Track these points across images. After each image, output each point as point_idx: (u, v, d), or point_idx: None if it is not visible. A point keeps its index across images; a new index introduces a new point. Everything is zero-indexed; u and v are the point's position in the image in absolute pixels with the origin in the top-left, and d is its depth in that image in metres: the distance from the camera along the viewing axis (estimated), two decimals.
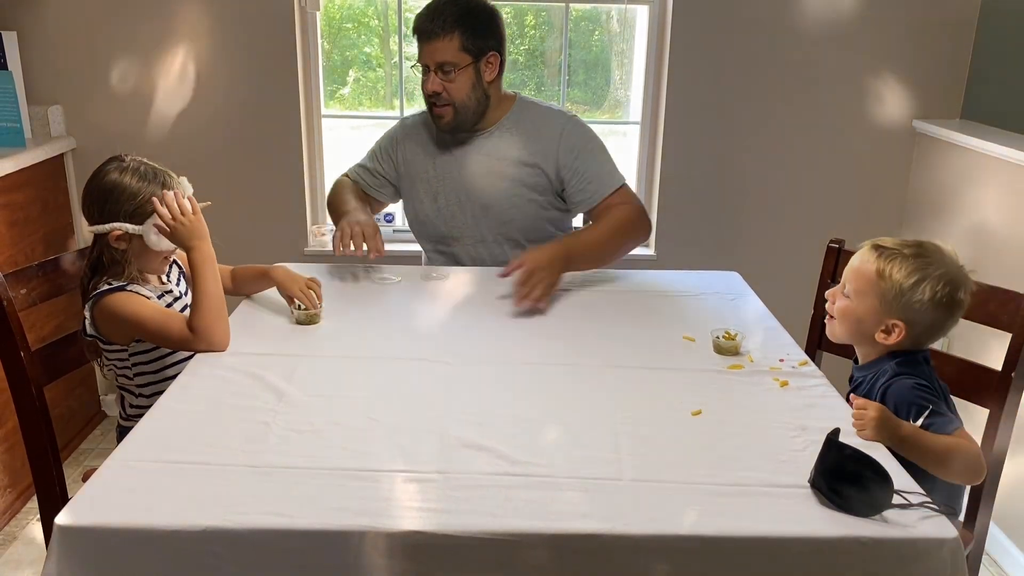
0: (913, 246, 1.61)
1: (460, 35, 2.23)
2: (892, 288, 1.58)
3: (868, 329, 1.63)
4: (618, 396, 1.63)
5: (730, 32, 2.99)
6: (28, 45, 2.90)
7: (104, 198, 1.76)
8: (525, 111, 2.38)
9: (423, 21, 2.25)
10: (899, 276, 1.57)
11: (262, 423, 1.49)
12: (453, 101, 2.27)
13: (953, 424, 1.50)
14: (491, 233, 2.39)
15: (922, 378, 1.58)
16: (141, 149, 1.90)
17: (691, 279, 2.32)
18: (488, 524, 1.23)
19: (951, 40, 2.99)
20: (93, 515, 1.23)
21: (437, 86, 2.26)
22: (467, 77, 2.26)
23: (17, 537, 2.59)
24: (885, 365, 1.62)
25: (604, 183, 2.34)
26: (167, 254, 1.84)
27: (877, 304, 1.60)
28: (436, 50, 2.24)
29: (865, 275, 1.62)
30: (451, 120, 2.30)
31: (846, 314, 1.66)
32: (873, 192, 3.15)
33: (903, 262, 1.58)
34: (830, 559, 1.24)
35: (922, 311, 1.57)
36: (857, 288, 1.64)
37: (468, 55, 2.25)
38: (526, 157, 2.34)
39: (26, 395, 1.77)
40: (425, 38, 2.25)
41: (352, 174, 2.50)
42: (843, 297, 1.67)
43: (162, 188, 1.77)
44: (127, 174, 1.77)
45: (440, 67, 2.25)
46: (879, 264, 1.60)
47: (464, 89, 2.27)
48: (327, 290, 2.02)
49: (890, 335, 1.60)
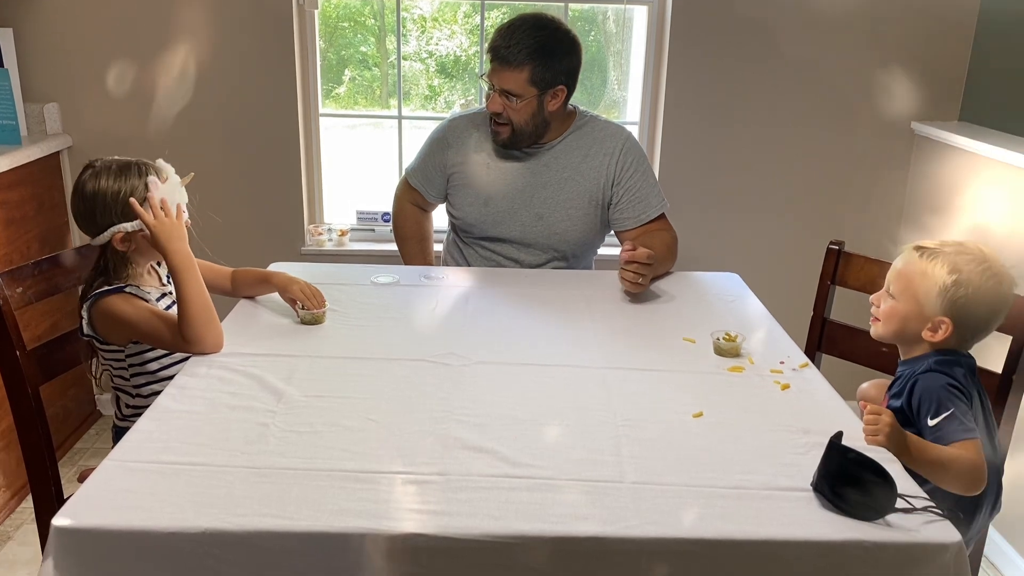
0: (954, 245, 1.63)
1: (531, 69, 2.23)
2: (936, 285, 1.59)
3: (914, 328, 1.64)
4: (619, 398, 1.62)
5: (729, 33, 2.98)
6: (24, 42, 2.89)
7: (91, 209, 1.75)
8: (586, 126, 2.40)
9: (499, 41, 2.24)
10: (942, 273, 1.59)
11: (261, 424, 1.48)
12: (511, 123, 2.29)
13: (967, 433, 1.49)
14: (539, 241, 2.41)
15: (956, 380, 1.58)
16: (138, 147, 1.89)
17: (691, 280, 2.31)
18: (489, 526, 1.23)
19: (950, 42, 2.99)
20: (90, 516, 1.22)
21: (498, 107, 2.27)
22: (529, 107, 2.27)
23: (12, 537, 2.57)
24: (927, 360, 1.63)
25: (652, 205, 2.39)
26: None
27: (922, 302, 1.62)
28: (504, 78, 2.24)
29: (908, 275, 1.64)
30: (507, 139, 2.33)
31: (892, 315, 1.67)
32: (872, 193, 3.15)
33: (945, 259, 1.60)
34: (833, 563, 1.23)
35: (966, 307, 1.58)
36: (901, 288, 1.65)
37: (535, 88, 2.25)
38: (585, 171, 2.37)
39: (22, 394, 1.75)
40: (496, 61, 2.25)
41: (415, 182, 2.51)
42: (888, 298, 1.68)
43: (140, 177, 1.76)
44: (102, 178, 1.75)
45: (505, 92, 2.25)
46: (921, 264, 1.62)
47: (524, 116, 2.29)
48: (327, 291, 2.01)
49: (937, 332, 1.61)
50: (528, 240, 2.41)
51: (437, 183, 2.48)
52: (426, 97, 3.81)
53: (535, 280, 2.28)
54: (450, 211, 2.52)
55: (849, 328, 2.16)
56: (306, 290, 1.95)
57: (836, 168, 3.13)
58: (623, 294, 2.16)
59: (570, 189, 2.37)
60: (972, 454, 1.46)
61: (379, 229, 3.23)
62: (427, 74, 3.77)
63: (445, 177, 2.46)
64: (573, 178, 2.37)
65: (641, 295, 2.15)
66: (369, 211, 3.25)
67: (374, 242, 3.23)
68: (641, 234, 2.35)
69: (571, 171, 2.37)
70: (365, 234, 3.26)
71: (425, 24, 3.60)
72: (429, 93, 3.83)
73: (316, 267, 2.36)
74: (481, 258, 2.47)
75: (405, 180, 2.56)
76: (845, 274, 2.16)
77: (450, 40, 3.74)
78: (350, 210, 3.28)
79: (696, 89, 3.04)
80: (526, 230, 2.40)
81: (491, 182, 2.39)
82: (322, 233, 3.17)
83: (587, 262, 2.54)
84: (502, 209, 2.39)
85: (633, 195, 2.37)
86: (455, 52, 3.72)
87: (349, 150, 2.55)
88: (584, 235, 2.42)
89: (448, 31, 3.72)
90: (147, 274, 1.87)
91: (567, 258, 2.44)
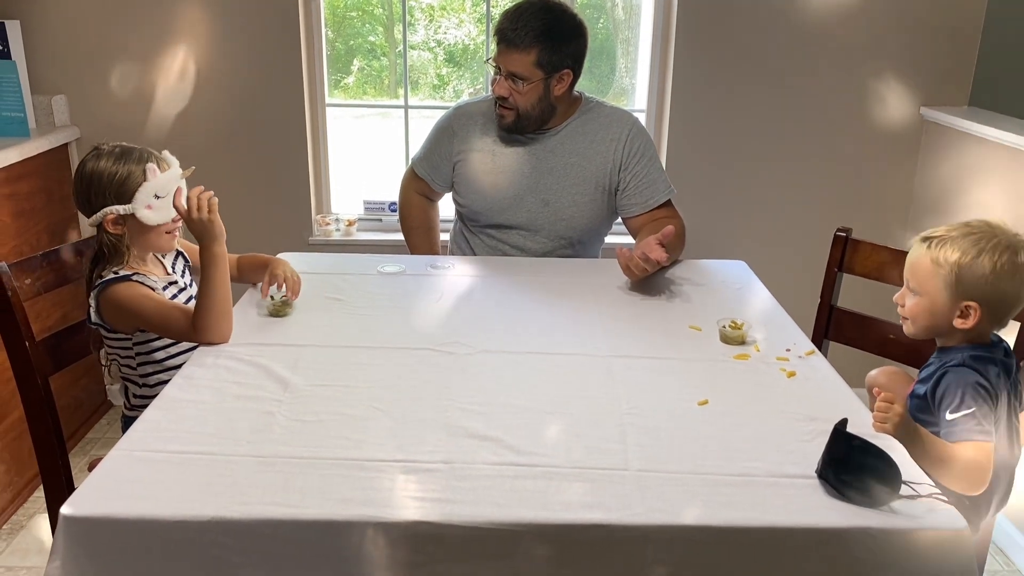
0: (959, 227, 1.60)
1: (538, 51, 2.23)
2: (952, 270, 1.56)
3: (944, 319, 1.60)
4: (624, 386, 1.62)
5: (736, 19, 2.96)
6: (32, 34, 2.90)
7: (88, 189, 1.78)
8: (592, 111, 2.40)
9: (506, 24, 2.25)
10: (955, 257, 1.56)
11: (267, 413, 1.48)
12: (517, 108, 2.29)
13: (981, 434, 1.47)
14: (545, 227, 2.41)
15: (987, 379, 1.55)
16: (145, 138, 1.90)
17: (698, 268, 2.31)
18: (493, 514, 1.23)
19: (959, 27, 2.97)
20: (98, 505, 1.23)
21: (504, 90, 2.27)
22: (536, 90, 2.28)
23: (24, 526, 2.59)
24: (960, 353, 1.59)
25: (659, 190, 2.38)
26: (168, 228, 1.83)
27: (944, 292, 1.58)
28: (511, 60, 2.25)
29: (922, 268, 1.61)
30: (511, 123, 2.33)
31: (918, 311, 1.63)
32: (881, 180, 3.14)
33: (953, 243, 1.57)
34: (838, 550, 1.23)
35: (988, 285, 1.55)
36: (919, 282, 1.62)
37: (541, 71, 2.26)
38: (591, 157, 2.36)
39: (32, 385, 1.77)
40: (503, 44, 2.25)
41: (421, 172, 2.52)
42: (911, 295, 1.65)
43: (139, 164, 1.77)
44: (103, 160, 1.78)
45: (511, 75, 2.26)
46: (932, 253, 1.59)
47: (530, 100, 2.29)
48: (334, 280, 2.01)
49: (968, 318, 1.57)
50: (535, 226, 2.41)
51: (443, 172, 2.48)
52: (434, 86, 3.81)
53: (541, 269, 2.28)
54: (456, 200, 2.52)
55: (856, 315, 2.16)
56: (290, 275, 1.95)
57: (844, 154, 3.11)
58: (629, 283, 2.16)
59: (576, 174, 2.37)
60: (979, 456, 1.45)
61: (386, 219, 3.24)
62: (435, 63, 3.77)
63: (451, 166, 2.46)
64: (579, 163, 2.37)
65: (647, 283, 2.14)
66: (376, 201, 3.26)
67: (381, 232, 3.24)
68: (649, 221, 2.34)
69: (577, 156, 2.37)
70: (372, 224, 3.27)
71: (433, 13, 3.60)
72: (437, 82, 3.83)
73: (323, 257, 2.37)
74: (488, 247, 2.47)
75: (411, 170, 2.56)
76: (852, 261, 2.15)
77: (458, 29, 3.74)
78: (357, 200, 3.28)
79: (703, 76, 3.02)
80: (532, 216, 2.39)
81: (497, 169, 2.39)
82: (329, 223, 3.18)
83: (594, 250, 2.53)
84: (508, 195, 2.39)
85: (640, 181, 2.36)
86: (463, 41, 3.72)
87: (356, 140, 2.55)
88: (591, 221, 2.42)
89: (456, 20, 3.71)
90: (151, 263, 1.88)
91: (573, 245, 2.44)
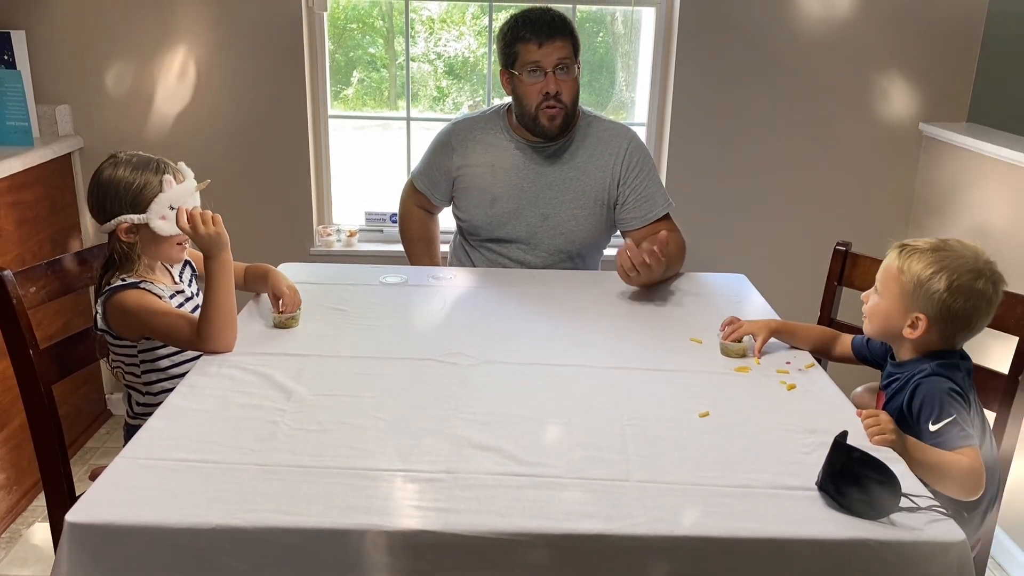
0: (936, 243, 1.64)
1: (571, 36, 2.31)
2: (911, 281, 1.60)
3: (896, 324, 1.65)
4: (625, 397, 1.63)
5: (737, 34, 2.99)
6: (36, 44, 2.91)
7: (103, 196, 1.80)
8: (591, 126, 2.42)
9: (539, 23, 2.28)
10: (917, 269, 1.60)
11: (271, 422, 1.49)
12: (565, 104, 2.31)
13: (967, 440, 1.49)
14: (545, 242, 2.42)
15: (957, 384, 1.58)
16: (148, 149, 1.91)
17: (698, 281, 2.32)
18: (495, 524, 1.24)
19: (958, 43, 2.99)
20: (103, 512, 1.23)
21: (554, 85, 2.29)
22: (577, 80, 2.33)
23: (22, 535, 2.59)
24: (924, 364, 1.63)
25: (657, 204, 2.40)
26: (179, 239, 1.84)
27: (900, 298, 1.63)
28: (556, 48, 2.28)
29: (889, 273, 1.66)
30: (561, 122, 2.34)
31: (876, 311, 1.69)
32: (879, 194, 3.15)
33: (922, 256, 1.61)
34: (837, 561, 1.24)
35: (941, 302, 1.58)
36: (884, 285, 1.67)
37: (576, 57, 2.32)
38: (590, 171, 2.38)
39: (35, 393, 1.77)
40: (543, 36, 2.27)
41: (420, 186, 2.53)
42: (875, 295, 1.70)
43: (156, 174, 1.79)
44: (120, 168, 1.80)
45: (560, 64, 2.28)
46: (900, 261, 1.63)
47: (574, 91, 2.34)
48: (336, 291, 2.02)
49: (915, 329, 1.61)
50: (534, 240, 2.42)
51: (442, 187, 2.49)
52: (434, 99, 3.82)
53: (542, 280, 2.30)
54: (456, 214, 2.53)
55: (855, 329, 2.16)
56: (289, 289, 1.96)
57: (844, 169, 3.13)
58: (630, 294, 2.17)
59: (575, 189, 2.38)
60: (972, 460, 1.47)
61: (387, 230, 3.25)
62: (435, 75, 3.79)
63: (450, 180, 2.47)
64: (579, 178, 2.38)
65: (647, 296, 2.16)
66: (377, 212, 3.27)
67: (383, 243, 3.25)
68: (647, 235, 2.35)
69: (576, 171, 2.38)
70: (374, 235, 3.28)
71: (433, 25, 3.62)
72: (437, 94, 3.85)
73: (325, 267, 2.38)
74: (487, 261, 2.48)
75: (411, 184, 2.57)
76: (852, 275, 2.17)
77: (458, 41, 3.76)
78: (359, 211, 3.30)
79: (704, 90, 3.04)
80: (532, 230, 2.40)
81: (496, 183, 2.40)
82: (331, 234, 3.19)
83: (594, 264, 2.54)
84: (508, 210, 2.40)
85: (639, 195, 2.37)
86: (463, 53, 3.74)
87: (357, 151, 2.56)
88: (590, 235, 2.43)
89: (456, 32, 3.73)
90: (159, 272, 1.89)
91: (573, 258, 2.45)
